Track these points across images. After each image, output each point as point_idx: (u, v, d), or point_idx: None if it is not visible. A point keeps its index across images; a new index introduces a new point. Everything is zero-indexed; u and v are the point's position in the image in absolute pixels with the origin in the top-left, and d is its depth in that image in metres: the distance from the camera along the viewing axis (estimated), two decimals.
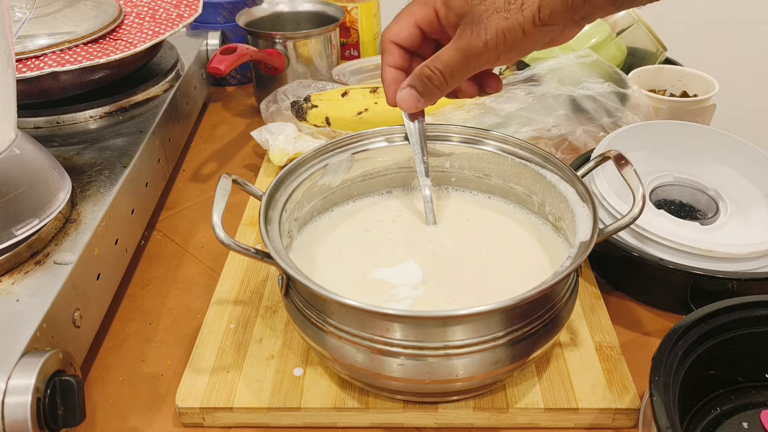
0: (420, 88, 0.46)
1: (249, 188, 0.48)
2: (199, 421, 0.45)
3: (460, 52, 0.42)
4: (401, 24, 0.46)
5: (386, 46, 0.47)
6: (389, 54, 0.47)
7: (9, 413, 0.37)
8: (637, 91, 0.69)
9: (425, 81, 0.45)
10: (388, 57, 0.47)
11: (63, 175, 0.53)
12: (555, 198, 0.49)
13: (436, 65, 0.44)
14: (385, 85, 0.48)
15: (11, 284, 0.45)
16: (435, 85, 0.45)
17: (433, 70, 0.44)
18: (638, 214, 0.43)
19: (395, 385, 0.41)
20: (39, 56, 0.62)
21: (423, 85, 0.45)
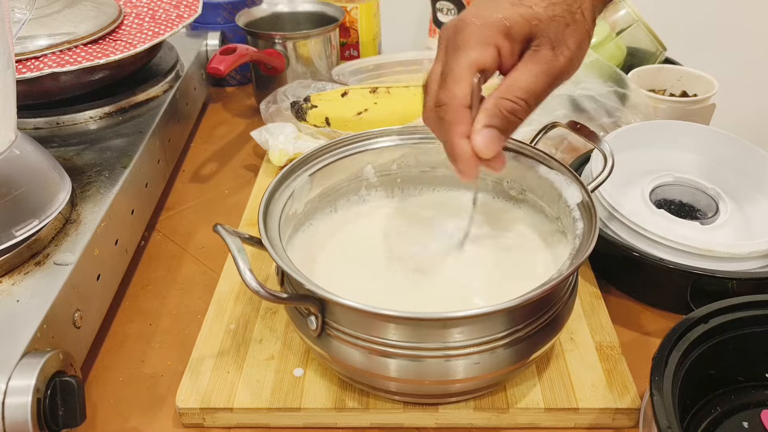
0: (501, 126, 0.39)
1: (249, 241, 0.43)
2: (199, 421, 0.45)
3: (544, 75, 0.38)
4: (464, 82, 0.38)
5: (457, 115, 0.39)
6: (463, 123, 0.39)
7: (9, 414, 0.37)
8: (637, 90, 0.69)
9: (507, 115, 0.39)
10: (462, 128, 0.39)
11: (63, 175, 0.53)
12: (553, 197, 0.49)
13: (518, 95, 0.38)
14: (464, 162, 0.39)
15: (11, 285, 0.45)
16: (519, 117, 0.39)
17: (516, 101, 0.38)
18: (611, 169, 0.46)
19: (395, 386, 0.41)
20: (39, 57, 0.62)
21: (505, 120, 0.39)
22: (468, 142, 0.39)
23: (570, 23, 0.39)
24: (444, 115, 0.39)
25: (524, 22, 0.38)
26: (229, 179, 0.73)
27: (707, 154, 0.62)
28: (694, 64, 0.78)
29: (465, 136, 0.39)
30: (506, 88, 0.39)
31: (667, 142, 0.63)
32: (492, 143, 0.39)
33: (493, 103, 0.39)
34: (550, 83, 0.39)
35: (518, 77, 0.39)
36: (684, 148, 0.63)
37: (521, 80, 0.38)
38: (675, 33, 0.82)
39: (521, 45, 0.39)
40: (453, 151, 0.40)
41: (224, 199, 0.70)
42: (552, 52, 0.38)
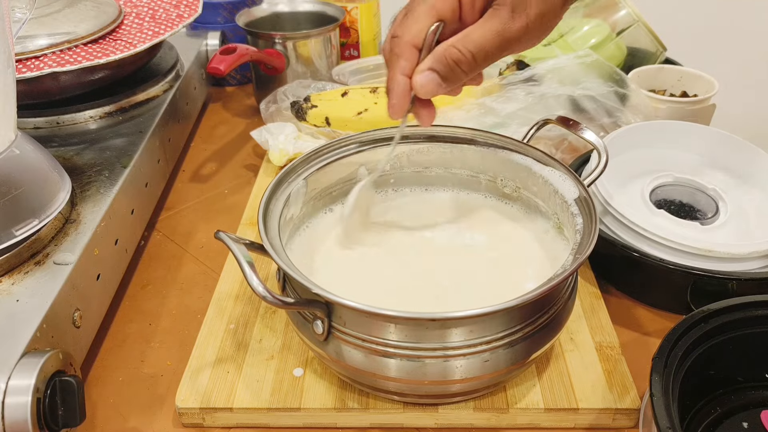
0: (443, 72, 0.40)
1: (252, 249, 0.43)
2: (198, 421, 0.45)
3: (496, 35, 0.39)
4: (420, 22, 0.40)
5: (403, 50, 0.40)
6: (406, 59, 0.40)
7: (9, 413, 0.37)
8: (637, 91, 0.69)
9: (451, 64, 0.39)
10: (404, 63, 0.40)
11: (63, 175, 0.53)
12: (554, 198, 0.49)
13: (466, 47, 0.39)
14: (395, 95, 0.41)
15: (11, 284, 0.45)
16: (462, 69, 0.40)
17: (463, 52, 0.39)
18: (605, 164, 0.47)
19: (394, 386, 0.41)
20: (39, 56, 0.62)
21: (448, 68, 0.40)
22: (405, 79, 0.41)
23: None
24: (394, 48, 0.41)
25: None
26: (229, 179, 0.73)
27: (707, 154, 0.62)
28: (695, 64, 0.78)
29: (406, 73, 0.41)
30: (458, 39, 0.40)
31: (667, 143, 0.63)
32: (430, 85, 0.40)
33: (442, 49, 0.40)
34: (501, 45, 0.39)
35: (472, 31, 0.39)
36: (684, 149, 0.63)
37: (474, 35, 0.39)
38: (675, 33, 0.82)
39: (484, 3, 0.40)
40: (390, 84, 0.41)
41: (224, 198, 0.70)
42: (510, 14, 0.39)
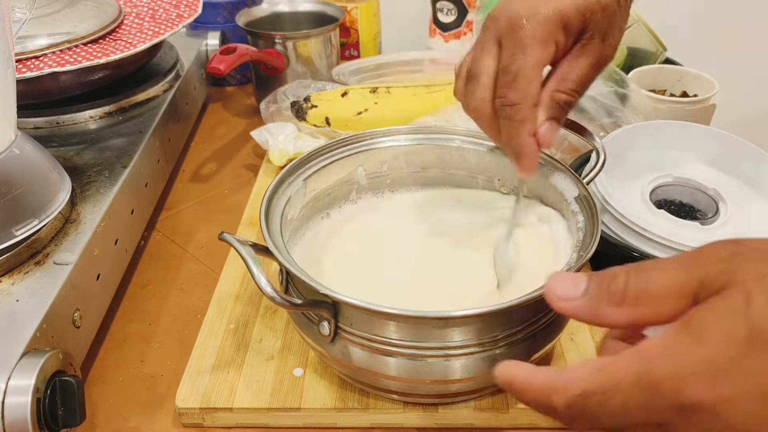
0: (558, 116, 0.41)
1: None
2: (198, 421, 0.45)
3: (593, 66, 0.40)
4: (535, 81, 0.40)
5: (528, 114, 0.40)
6: (532, 122, 0.41)
7: (9, 413, 0.37)
8: (637, 91, 0.69)
9: (563, 106, 0.41)
10: (531, 126, 0.41)
11: (63, 175, 0.53)
12: (555, 198, 0.49)
13: (570, 88, 0.41)
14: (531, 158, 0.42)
15: (11, 285, 0.45)
16: (571, 106, 0.42)
17: (570, 94, 0.41)
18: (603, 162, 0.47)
19: (394, 385, 0.41)
20: (39, 56, 0.62)
21: (561, 111, 0.41)
22: (534, 139, 0.41)
23: (617, 11, 0.40)
24: (514, 115, 0.40)
25: (579, 16, 0.39)
26: (229, 179, 0.73)
27: (707, 154, 0.62)
28: (695, 64, 0.78)
29: (532, 134, 0.41)
30: (560, 81, 0.41)
31: (667, 143, 0.63)
32: (553, 133, 0.42)
33: (549, 96, 0.41)
34: (598, 72, 0.41)
35: (571, 70, 0.41)
36: (684, 149, 0.63)
37: (574, 72, 0.40)
38: (675, 33, 0.82)
39: (575, 38, 0.40)
40: (521, 149, 0.41)
41: (224, 198, 0.70)
42: (602, 44, 0.40)
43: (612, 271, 0.28)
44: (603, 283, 0.28)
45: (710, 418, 0.24)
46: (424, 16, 0.96)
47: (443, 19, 0.90)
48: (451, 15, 0.89)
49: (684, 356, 0.24)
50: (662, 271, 0.26)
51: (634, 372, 0.25)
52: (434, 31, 0.91)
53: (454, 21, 0.89)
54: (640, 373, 0.24)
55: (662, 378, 0.24)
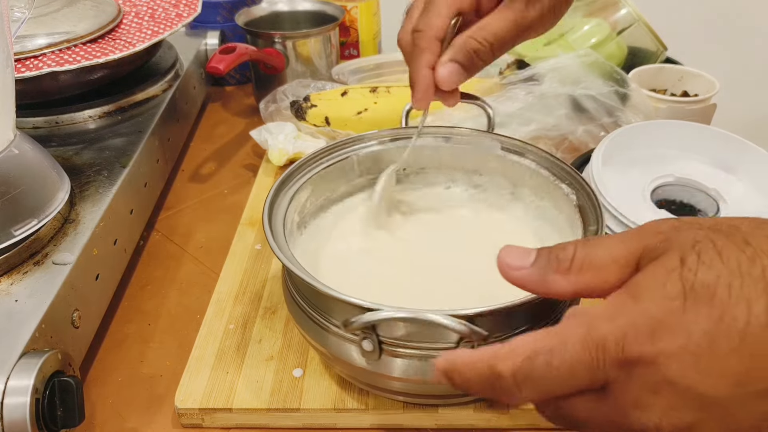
0: (465, 62, 0.42)
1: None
2: (198, 422, 0.45)
3: (512, 23, 0.41)
4: (441, 16, 0.42)
5: (428, 44, 0.42)
6: (431, 53, 0.42)
7: (8, 414, 0.37)
8: (638, 90, 0.69)
9: (472, 54, 0.42)
10: (429, 57, 0.42)
11: (62, 175, 0.52)
12: (557, 198, 0.49)
13: (484, 37, 0.41)
14: (421, 87, 0.43)
15: (10, 285, 0.45)
16: (481, 58, 0.42)
17: (482, 42, 0.41)
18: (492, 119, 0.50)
19: (397, 386, 0.41)
20: (38, 56, 0.61)
21: (469, 59, 0.42)
22: (430, 72, 0.42)
23: None
24: (417, 41, 0.42)
25: None
26: (229, 179, 0.73)
27: (708, 154, 0.62)
28: (695, 63, 0.78)
29: (430, 65, 0.42)
30: (477, 30, 0.41)
31: (667, 142, 0.63)
32: (453, 76, 0.42)
33: (462, 40, 0.42)
34: (517, 33, 0.41)
35: (490, 22, 0.41)
36: (685, 148, 0.63)
37: (492, 25, 0.41)
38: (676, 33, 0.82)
39: None
40: (416, 77, 0.43)
41: (224, 198, 0.70)
42: (525, 6, 0.41)
43: (561, 243, 0.29)
44: (552, 254, 0.29)
45: (651, 371, 0.25)
46: None
47: None
48: None
49: (625, 315, 0.25)
50: (607, 242, 0.28)
51: (580, 333, 0.26)
52: None
53: None
54: (585, 333, 0.26)
55: (605, 335, 0.25)
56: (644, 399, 0.25)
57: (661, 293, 0.25)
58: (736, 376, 0.24)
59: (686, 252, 0.25)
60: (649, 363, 0.25)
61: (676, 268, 0.25)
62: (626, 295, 0.26)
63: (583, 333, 0.26)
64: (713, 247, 0.25)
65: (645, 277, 0.26)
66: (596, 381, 0.26)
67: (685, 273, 0.25)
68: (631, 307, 0.26)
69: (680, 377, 0.24)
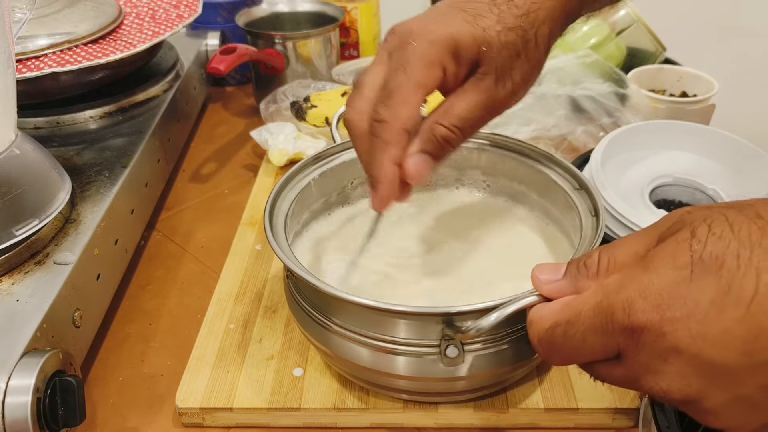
0: (434, 152, 0.37)
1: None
2: (198, 421, 0.45)
3: (482, 106, 0.37)
4: (409, 104, 0.36)
5: (394, 137, 0.36)
6: (398, 147, 0.37)
7: (9, 413, 0.37)
8: (637, 91, 0.69)
9: (441, 142, 0.37)
10: (395, 151, 0.37)
11: (63, 175, 0.53)
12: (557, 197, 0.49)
13: (452, 123, 0.37)
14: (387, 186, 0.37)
15: (11, 284, 0.45)
16: (452, 145, 0.38)
17: (451, 129, 0.37)
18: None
19: (400, 384, 0.41)
20: (39, 57, 0.62)
21: (438, 147, 0.37)
22: (396, 169, 0.37)
23: (521, 52, 0.37)
24: (382, 133, 0.37)
25: (473, 46, 0.36)
26: (229, 179, 0.73)
27: (707, 154, 0.62)
28: (694, 64, 0.78)
29: (396, 161, 0.37)
30: (443, 113, 0.37)
31: (666, 143, 0.63)
32: (423, 168, 0.37)
33: (428, 127, 0.37)
34: (488, 113, 0.38)
35: (457, 104, 0.37)
36: (684, 149, 0.63)
37: (460, 108, 0.37)
38: (675, 33, 0.82)
39: (467, 69, 0.37)
40: (379, 174, 0.37)
41: (224, 198, 0.70)
42: (495, 84, 0.37)
43: (587, 252, 0.31)
44: (579, 262, 0.30)
45: (658, 338, 0.26)
46: None
47: None
48: None
49: (634, 284, 0.27)
50: (627, 240, 0.29)
51: (594, 302, 0.28)
52: None
53: None
54: (597, 303, 0.27)
55: (614, 304, 0.27)
56: (654, 365, 0.26)
57: (670, 263, 0.26)
58: (744, 345, 0.24)
59: (697, 227, 0.26)
60: (656, 331, 0.26)
61: (686, 239, 0.26)
62: (638, 267, 0.27)
63: (595, 303, 0.28)
64: (725, 220, 0.26)
65: (657, 250, 0.27)
66: (609, 347, 0.27)
67: (695, 244, 0.26)
68: (640, 276, 0.26)
69: (687, 345, 0.25)
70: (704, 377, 0.25)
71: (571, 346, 0.29)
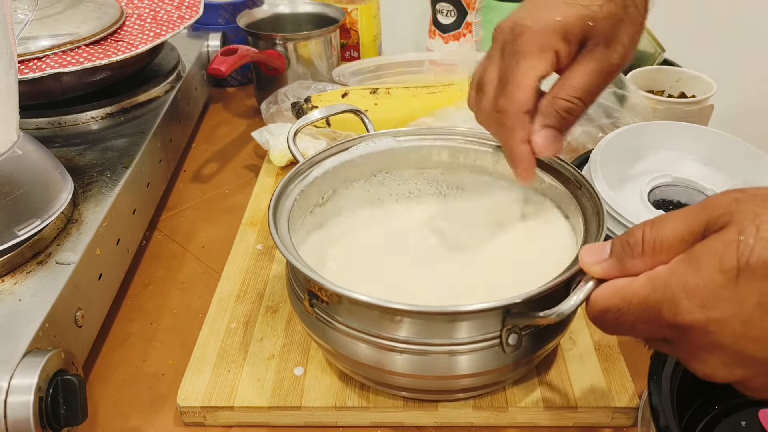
0: (558, 124, 0.40)
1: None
2: (200, 420, 0.45)
3: (598, 73, 0.39)
4: (525, 88, 0.39)
5: (516, 121, 0.40)
6: (522, 128, 0.40)
7: (11, 412, 0.38)
8: (636, 92, 0.70)
9: (564, 114, 0.39)
10: (521, 133, 0.40)
11: (65, 175, 0.53)
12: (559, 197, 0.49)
13: (573, 94, 0.39)
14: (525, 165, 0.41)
15: (13, 284, 0.45)
16: (575, 115, 0.40)
17: (571, 100, 0.39)
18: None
19: (402, 381, 0.41)
20: (41, 57, 0.62)
21: (561, 119, 0.40)
22: (527, 146, 0.40)
23: (624, 18, 0.39)
24: (504, 121, 0.40)
25: (581, 24, 0.38)
26: (230, 179, 0.74)
27: (705, 155, 0.62)
28: (693, 65, 0.78)
29: (525, 141, 0.40)
30: (561, 87, 0.40)
31: (665, 143, 0.63)
32: (551, 142, 0.40)
33: (548, 102, 0.40)
34: (604, 80, 0.40)
35: (574, 76, 0.39)
36: (682, 149, 0.63)
37: (576, 79, 0.39)
38: (674, 34, 0.83)
39: (578, 46, 0.39)
40: (514, 155, 0.41)
41: (225, 198, 0.71)
42: (606, 51, 0.39)
43: (630, 228, 0.31)
44: (623, 240, 0.31)
45: (702, 336, 0.28)
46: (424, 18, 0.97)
47: (443, 21, 0.90)
48: (451, 16, 0.89)
49: (681, 283, 0.28)
50: (673, 221, 0.30)
51: (642, 295, 0.29)
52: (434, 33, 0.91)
53: (453, 22, 0.89)
54: (646, 297, 0.29)
55: (661, 301, 0.28)
56: (699, 355, 0.29)
57: (716, 265, 0.27)
58: None
59: (745, 226, 0.27)
60: (700, 329, 0.27)
61: (733, 242, 0.27)
62: (685, 264, 0.28)
63: (643, 296, 0.29)
64: None
65: (704, 248, 0.28)
66: (657, 334, 0.30)
67: (742, 247, 0.26)
68: (687, 276, 0.28)
69: (731, 342, 0.27)
70: (747, 368, 0.28)
71: (622, 330, 0.31)
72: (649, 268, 0.30)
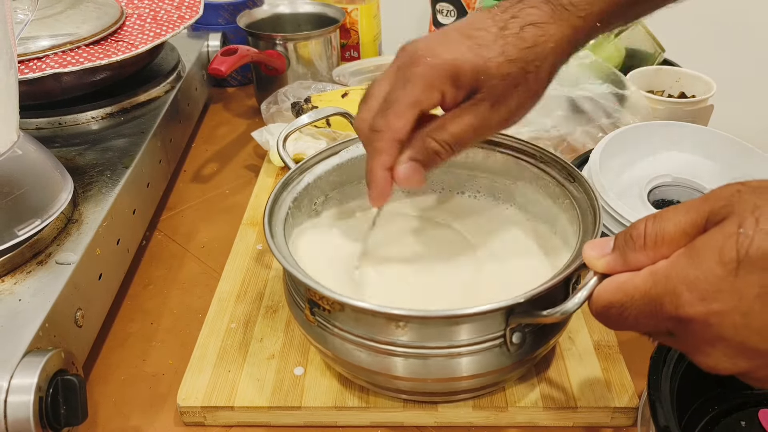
0: (424, 161, 0.40)
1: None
2: (200, 420, 0.45)
3: (473, 129, 0.39)
4: (404, 117, 0.39)
5: (386, 146, 0.39)
6: (389, 155, 0.39)
7: (11, 412, 0.38)
8: (636, 92, 0.70)
9: (431, 154, 0.39)
10: (386, 158, 0.39)
11: (65, 175, 0.53)
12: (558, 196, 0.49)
13: (444, 139, 0.39)
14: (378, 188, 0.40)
15: (13, 284, 0.45)
16: (441, 158, 0.40)
17: (442, 144, 0.39)
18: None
19: (401, 384, 0.41)
20: (41, 57, 0.62)
21: (428, 157, 0.40)
22: (388, 173, 0.40)
23: (520, 83, 0.38)
24: (376, 141, 0.40)
25: (473, 74, 0.38)
26: (230, 179, 0.74)
27: (705, 155, 0.62)
28: (693, 65, 0.78)
29: (387, 166, 0.40)
30: (437, 129, 0.39)
31: (665, 143, 0.63)
32: (413, 175, 0.40)
33: (421, 139, 0.39)
34: (479, 135, 0.40)
35: (451, 122, 0.39)
36: (682, 149, 0.63)
37: (453, 126, 0.39)
38: (673, 34, 0.83)
39: (465, 93, 0.39)
40: (373, 178, 0.40)
41: (225, 198, 0.71)
42: (489, 110, 0.39)
43: (634, 223, 0.32)
44: (626, 234, 0.31)
45: (704, 328, 0.28)
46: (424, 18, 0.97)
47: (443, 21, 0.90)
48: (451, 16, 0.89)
49: (681, 276, 0.28)
50: (676, 214, 0.30)
51: (644, 290, 0.30)
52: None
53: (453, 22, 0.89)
54: (648, 291, 0.29)
55: (663, 294, 0.29)
56: (702, 347, 0.29)
57: (716, 258, 0.27)
58: None
59: (745, 217, 0.27)
60: (701, 322, 0.28)
61: (733, 234, 0.27)
62: (685, 257, 0.29)
63: (645, 290, 0.30)
64: None
65: (704, 241, 0.28)
66: (660, 327, 0.30)
67: (741, 239, 0.26)
68: (687, 268, 0.28)
69: (733, 334, 0.27)
70: (750, 359, 0.28)
71: (626, 325, 0.31)
72: (651, 262, 0.30)
